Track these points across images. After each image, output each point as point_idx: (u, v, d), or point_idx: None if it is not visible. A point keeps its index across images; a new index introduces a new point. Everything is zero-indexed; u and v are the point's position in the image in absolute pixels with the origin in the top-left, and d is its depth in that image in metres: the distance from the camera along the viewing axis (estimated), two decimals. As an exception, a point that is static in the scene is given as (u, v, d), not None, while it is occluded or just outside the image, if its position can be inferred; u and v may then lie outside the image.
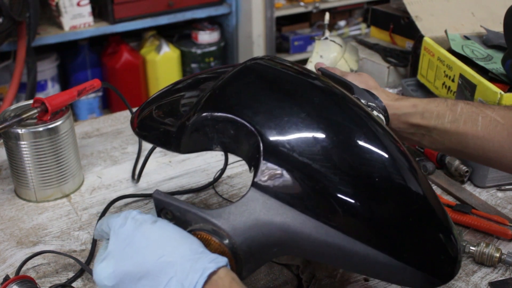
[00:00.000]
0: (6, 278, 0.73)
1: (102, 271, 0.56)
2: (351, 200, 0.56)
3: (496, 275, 0.78)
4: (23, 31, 2.21)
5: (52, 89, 2.59)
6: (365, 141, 0.59)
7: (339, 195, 0.56)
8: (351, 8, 3.30)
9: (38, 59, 2.40)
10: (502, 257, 0.78)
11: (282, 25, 3.10)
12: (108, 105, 2.86)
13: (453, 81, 1.07)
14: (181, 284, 0.52)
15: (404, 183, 0.58)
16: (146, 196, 0.95)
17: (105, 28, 2.51)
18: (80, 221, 0.90)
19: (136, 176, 0.99)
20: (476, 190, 0.97)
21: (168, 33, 2.89)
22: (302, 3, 2.95)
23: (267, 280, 0.77)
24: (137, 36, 2.83)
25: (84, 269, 0.77)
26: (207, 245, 0.56)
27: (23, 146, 0.88)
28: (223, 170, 0.99)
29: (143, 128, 0.72)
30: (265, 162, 0.57)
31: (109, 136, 1.16)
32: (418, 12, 1.27)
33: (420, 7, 1.28)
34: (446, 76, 1.10)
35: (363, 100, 0.77)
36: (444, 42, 1.16)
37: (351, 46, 1.35)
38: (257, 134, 0.59)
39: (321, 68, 0.87)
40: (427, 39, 1.18)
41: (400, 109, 0.79)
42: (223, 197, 0.96)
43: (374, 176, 0.57)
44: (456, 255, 0.59)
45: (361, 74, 0.86)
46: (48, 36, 2.39)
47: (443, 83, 1.11)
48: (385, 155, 0.59)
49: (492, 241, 0.84)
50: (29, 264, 0.79)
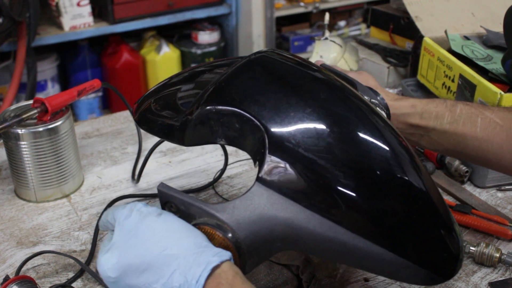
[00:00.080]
0: (6, 278, 0.73)
1: (106, 262, 0.56)
2: (356, 196, 0.56)
3: (496, 275, 0.78)
4: (23, 31, 2.21)
5: (52, 89, 2.59)
6: (372, 138, 0.59)
7: (344, 191, 0.56)
8: (351, 9, 3.29)
9: (38, 59, 2.40)
10: (502, 257, 0.78)
11: (282, 25, 3.10)
12: (108, 105, 2.86)
13: (453, 82, 1.07)
14: (184, 277, 0.52)
15: (408, 180, 0.58)
16: (146, 196, 0.95)
17: (105, 28, 2.51)
18: (80, 221, 0.90)
19: (136, 176, 0.99)
20: (476, 190, 0.97)
21: (168, 33, 2.89)
22: (302, 3, 2.94)
23: (267, 280, 0.77)
24: (137, 36, 2.83)
25: (84, 269, 0.77)
26: (211, 239, 0.56)
27: (23, 146, 0.88)
28: (223, 170, 0.99)
29: (145, 120, 0.72)
30: (270, 157, 0.57)
31: (109, 136, 1.16)
32: (418, 12, 1.27)
33: (420, 7, 1.28)
34: (446, 77, 1.10)
35: (366, 97, 0.77)
36: (444, 42, 1.16)
37: (351, 46, 1.35)
38: (263, 129, 0.58)
39: (323, 65, 0.86)
40: (427, 39, 1.18)
41: (399, 109, 0.79)
42: (223, 197, 0.96)
43: (380, 174, 0.57)
44: (458, 253, 0.59)
45: (362, 73, 0.86)
46: (48, 36, 2.39)
47: (443, 83, 1.11)
48: (391, 152, 0.59)
49: (492, 241, 0.84)
50: (29, 264, 0.79)
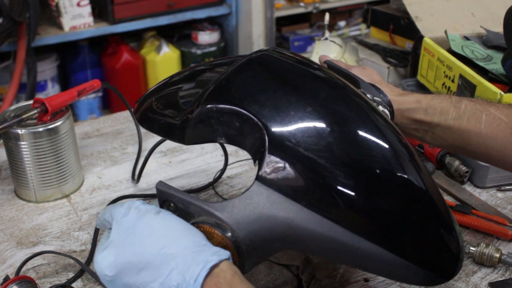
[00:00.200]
0: (6, 279, 0.73)
1: (103, 260, 0.55)
2: (356, 196, 0.56)
3: (496, 276, 0.78)
4: (23, 32, 2.21)
5: (52, 90, 2.59)
6: (372, 137, 0.59)
7: (344, 190, 0.56)
8: (351, 9, 3.29)
9: (38, 59, 2.40)
10: (502, 258, 0.78)
11: (282, 26, 3.09)
12: (108, 106, 2.86)
13: (453, 82, 1.07)
14: (182, 276, 0.51)
15: (408, 179, 0.58)
16: (146, 197, 0.95)
17: (105, 29, 2.51)
18: (80, 222, 0.90)
19: (136, 177, 0.99)
20: (476, 191, 0.97)
21: (168, 34, 2.89)
22: (302, 4, 2.94)
23: (267, 281, 0.77)
24: (137, 37, 2.83)
25: (84, 270, 0.77)
26: (210, 238, 0.56)
27: (23, 147, 0.88)
28: (223, 171, 0.99)
29: (146, 119, 0.72)
30: (270, 156, 0.57)
31: (109, 137, 1.16)
32: (418, 13, 1.27)
33: (420, 8, 1.28)
34: (446, 77, 1.10)
35: (369, 95, 0.77)
36: (444, 43, 1.16)
37: (351, 47, 1.35)
38: (263, 128, 0.58)
39: (327, 61, 0.86)
40: (427, 40, 1.18)
41: (404, 104, 0.79)
42: (223, 198, 0.96)
43: (380, 173, 0.57)
44: (459, 253, 0.59)
45: (366, 68, 0.86)
46: (48, 37, 2.39)
47: (443, 84, 1.11)
48: (391, 151, 0.59)
49: (492, 242, 0.84)
50: (29, 265, 0.79)
